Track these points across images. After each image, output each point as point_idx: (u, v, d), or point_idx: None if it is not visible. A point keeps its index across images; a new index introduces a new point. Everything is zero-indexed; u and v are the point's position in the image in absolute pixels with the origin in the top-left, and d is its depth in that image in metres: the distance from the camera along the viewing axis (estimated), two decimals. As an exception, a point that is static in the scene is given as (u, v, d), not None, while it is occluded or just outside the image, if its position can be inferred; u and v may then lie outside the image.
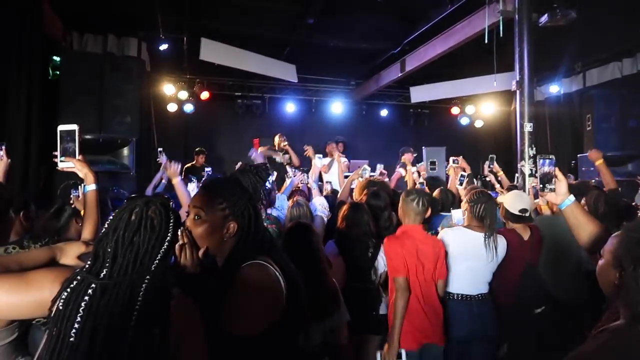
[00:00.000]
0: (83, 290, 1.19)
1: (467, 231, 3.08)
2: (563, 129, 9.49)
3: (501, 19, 5.26)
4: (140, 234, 1.26)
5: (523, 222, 3.29)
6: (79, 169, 2.07)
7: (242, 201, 1.54)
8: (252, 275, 1.43)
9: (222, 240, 1.52)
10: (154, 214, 1.29)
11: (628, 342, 1.15)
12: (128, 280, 1.21)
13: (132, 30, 7.34)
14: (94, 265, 1.25)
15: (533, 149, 4.98)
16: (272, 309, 1.43)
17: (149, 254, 1.26)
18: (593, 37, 7.47)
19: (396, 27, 7.61)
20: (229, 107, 10.37)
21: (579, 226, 1.88)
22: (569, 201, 1.88)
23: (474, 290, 3.03)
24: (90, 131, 5.77)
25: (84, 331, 1.14)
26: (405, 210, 2.97)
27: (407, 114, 11.64)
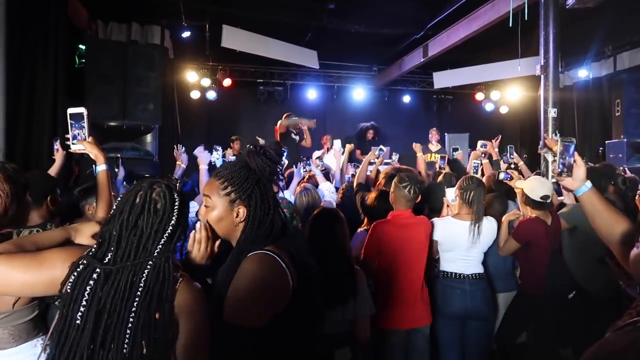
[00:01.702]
0: (88, 275, 1.21)
1: (455, 221, 3.10)
2: (591, 114, 9.23)
3: (526, 1, 5.11)
4: (143, 218, 1.27)
5: (545, 209, 3.25)
6: (89, 150, 2.14)
7: (248, 184, 1.49)
8: (254, 267, 1.40)
9: (233, 226, 1.50)
10: (158, 196, 1.29)
11: None
12: (130, 266, 1.22)
13: (155, 18, 7.42)
14: (100, 249, 1.27)
15: (557, 135, 4.86)
16: (274, 301, 1.40)
17: (152, 239, 1.26)
18: (624, 18, 7.21)
19: (419, 12, 7.48)
20: (251, 94, 10.42)
21: (597, 215, 1.76)
22: (585, 187, 1.76)
23: (466, 270, 3.08)
24: (115, 118, 5.90)
25: (89, 315, 1.17)
26: (397, 196, 3.00)
27: (430, 100, 11.49)
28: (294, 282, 1.44)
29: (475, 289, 3.06)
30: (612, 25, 7.44)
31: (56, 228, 1.92)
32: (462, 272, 3.06)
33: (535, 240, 3.17)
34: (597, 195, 1.79)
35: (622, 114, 7.05)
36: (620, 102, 7.10)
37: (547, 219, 3.24)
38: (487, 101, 11.15)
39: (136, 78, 6.03)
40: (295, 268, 1.47)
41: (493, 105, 11.18)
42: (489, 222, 3.15)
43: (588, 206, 1.79)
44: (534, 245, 3.18)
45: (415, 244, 2.96)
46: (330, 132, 10.86)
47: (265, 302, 1.39)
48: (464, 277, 3.05)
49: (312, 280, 1.53)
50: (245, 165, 1.54)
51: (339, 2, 6.77)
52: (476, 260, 3.11)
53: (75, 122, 2.11)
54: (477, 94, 11.12)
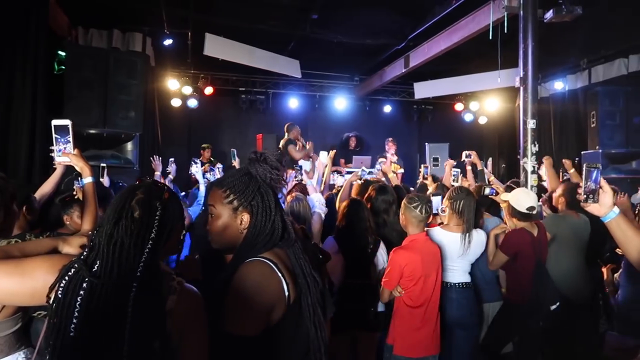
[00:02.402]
0: (79, 281, 1.17)
1: (445, 232, 3.12)
2: (567, 125, 9.46)
3: (506, 15, 5.22)
4: (121, 226, 1.21)
5: (531, 220, 3.30)
6: (75, 163, 2.10)
7: (249, 190, 1.49)
8: (247, 275, 1.39)
9: (238, 233, 1.50)
10: (136, 204, 1.24)
11: None
12: (114, 283, 1.17)
13: (137, 25, 7.36)
14: (90, 255, 1.22)
15: (536, 145, 4.96)
16: (268, 310, 1.39)
17: (133, 252, 1.20)
18: (599, 33, 7.43)
19: (400, 23, 7.59)
20: (232, 102, 10.39)
21: (627, 240, 1.71)
22: (613, 214, 1.72)
23: (452, 279, 3.11)
24: (95, 125, 5.80)
25: (82, 326, 1.13)
26: (408, 218, 2.94)
27: (410, 110, 11.62)
28: (290, 291, 1.42)
29: (461, 298, 3.10)
30: (588, 39, 7.67)
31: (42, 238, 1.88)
32: (448, 281, 3.09)
33: (523, 251, 3.22)
34: (625, 221, 1.74)
35: (597, 125, 7.24)
36: (596, 113, 7.29)
37: (533, 230, 3.30)
38: (467, 112, 11.33)
39: (117, 85, 5.95)
40: (293, 278, 1.46)
41: (472, 115, 11.36)
42: (478, 234, 3.19)
43: (617, 232, 1.74)
44: (522, 256, 3.22)
45: (436, 272, 2.91)
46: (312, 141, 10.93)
47: (258, 311, 1.37)
48: (451, 286, 3.09)
49: (309, 289, 1.51)
50: (247, 172, 1.54)
51: (322, 13, 6.82)
52: (463, 269, 3.15)
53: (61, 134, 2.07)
54: (456, 105, 11.29)
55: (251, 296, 1.35)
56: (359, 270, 3.03)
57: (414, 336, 2.84)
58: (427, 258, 2.87)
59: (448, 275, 3.10)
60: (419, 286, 2.83)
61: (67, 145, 2.09)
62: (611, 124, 7.22)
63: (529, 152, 4.94)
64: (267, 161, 1.53)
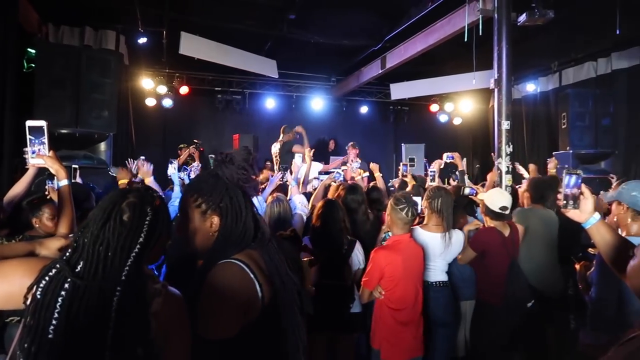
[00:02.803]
0: (60, 282, 1.14)
1: (424, 232, 3.15)
2: (539, 126, 9.69)
3: (480, 17, 5.31)
4: (109, 227, 1.19)
5: (503, 220, 3.36)
6: (50, 165, 2.05)
7: (217, 192, 1.48)
8: (219, 278, 1.37)
9: (209, 236, 1.48)
10: (127, 207, 1.22)
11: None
12: (98, 284, 1.14)
13: (110, 23, 7.22)
14: (73, 255, 1.19)
15: (510, 146, 5.06)
16: (242, 311, 1.37)
17: (119, 255, 1.18)
18: (569, 37, 7.64)
19: (377, 24, 7.64)
20: (208, 102, 10.30)
21: (607, 245, 1.74)
22: (593, 219, 1.74)
23: (429, 278, 3.14)
24: (66, 125, 5.64)
25: (62, 329, 1.10)
26: (394, 219, 2.94)
27: (387, 111, 11.72)
28: (264, 291, 1.41)
29: (437, 296, 3.13)
30: (558, 42, 7.87)
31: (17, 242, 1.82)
32: (426, 280, 3.11)
33: (491, 250, 3.28)
34: (605, 227, 1.75)
35: (568, 126, 7.41)
36: (566, 115, 7.46)
37: (505, 229, 3.36)
38: (442, 112, 11.49)
39: (90, 84, 5.80)
40: (268, 278, 1.44)
41: (447, 116, 11.54)
42: (457, 233, 3.22)
43: (597, 237, 1.75)
44: (490, 254, 3.28)
45: (418, 274, 2.92)
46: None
47: (231, 313, 1.36)
48: (428, 285, 3.11)
49: (284, 289, 1.50)
50: (213, 175, 1.53)
51: (299, 13, 6.81)
52: (440, 269, 3.18)
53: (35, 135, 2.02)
54: (432, 106, 11.43)
55: (223, 299, 1.34)
56: (333, 271, 3.03)
57: (400, 339, 2.83)
58: (409, 259, 2.87)
59: (426, 274, 3.13)
60: (400, 287, 2.82)
61: (42, 146, 2.03)
62: (581, 125, 7.41)
63: (504, 152, 5.03)
64: (233, 162, 1.53)
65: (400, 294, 2.83)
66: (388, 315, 2.84)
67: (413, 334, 2.87)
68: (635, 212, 2.48)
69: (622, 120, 7.87)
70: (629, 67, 7.93)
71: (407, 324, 2.84)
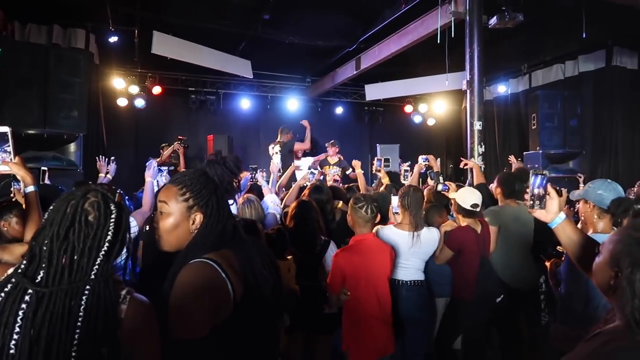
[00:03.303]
0: (19, 296, 1.09)
1: (396, 231, 3.17)
2: (510, 127, 9.92)
3: (453, 20, 5.40)
4: (74, 230, 1.15)
5: (474, 217, 3.43)
6: (16, 171, 1.99)
7: (206, 191, 1.48)
8: (188, 278, 1.36)
9: (188, 233, 1.48)
10: (91, 207, 1.18)
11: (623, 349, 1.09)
12: (65, 289, 1.11)
13: (79, 21, 7.06)
14: (30, 266, 1.14)
15: (482, 146, 5.16)
16: (213, 310, 1.36)
17: (87, 256, 1.15)
18: (538, 40, 7.83)
19: (351, 26, 7.68)
20: (182, 102, 10.15)
21: (572, 244, 1.77)
22: (559, 219, 1.77)
23: (404, 277, 3.15)
24: (34, 126, 5.49)
25: (24, 344, 1.05)
26: (355, 219, 2.93)
27: (361, 112, 11.77)
28: (237, 291, 1.40)
29: (411, 295, 3.14)
30: (528, 45, 8.06)
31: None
32: (400, 279, 3.14)
33: (466, 248, 3.33)
34: (570, 226, 1.78)
35: (538, 127, 7.59)
36: (536, 116, 7.64)
37: (477, 226, 3.43)
38: (416, 113, 11.61)
39: (59, 83, 5.65)
40: (241, 277, 1.44)
41: (421, 117, 11.66)
42: (430, 231, 3.25)
43: (563, 237, 1.78)
44: (465, 252, 3.34)
45: (382, 272, 2.90)
46: (264, 142, 10.84)
47: (202, 313, 1.34)
48: (402, 284, 3.13)
49: (259, 289, 1.50)
50: (203, 173, 1.53)
51: (273, 13, 6.79)
52: (415, 267, 3.19)
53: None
54: (406, 107, 11.53)
55: (193, 299, 1.33)
56: (308, 271, 3.02)
57: (367, 339, 2.82)
58: (372, 257, 2.86)
59: (399, 272, 3.14)
60: (363, 286, 2.82)
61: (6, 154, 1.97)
62: (550, 126, 7.60)
63: (476, 152, 5.12)
64: (226, 164, 1.55)
65: (364, 292, 2.82)
66: (354, 315, 2.84)
67: (381, 332, 2.86)
68: (601, 210, 2.55)
69: (589, 121, 8.12)
70: (595, 70, 8.19)
71: (374, 323, 2.84)
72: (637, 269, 1.09)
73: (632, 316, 1.08)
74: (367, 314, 2.82)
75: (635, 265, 1.09)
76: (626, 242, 1.16)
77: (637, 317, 1.07)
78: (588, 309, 2.56)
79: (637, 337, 1.07)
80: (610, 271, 1.19)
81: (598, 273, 1.28)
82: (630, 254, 1.12)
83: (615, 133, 8.05)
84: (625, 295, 1.10)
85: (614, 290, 1.17)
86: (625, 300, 1.09)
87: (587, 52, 8.20)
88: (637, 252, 1.11)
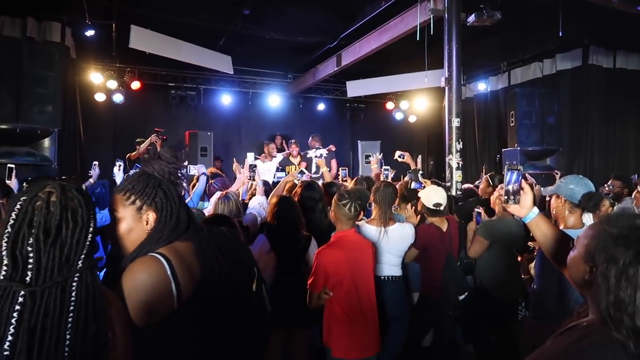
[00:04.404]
0: (10, 300, 1.07)
1: (365, 226, 3.19)
2: (490, 124, 10.02)
3: (432, 17, 5.43)
4: (64, 228, 1.15)
5: (439, 216, 3.45)
6: None
7: (149, 188, 1.50)
8: (128, 274, 1.38)
9: (144, 234, 1.48)
10: (73, 203, 1.18)
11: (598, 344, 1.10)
12: (57, 282, 1.11)
13: (54, 14, 6.91)
14: (14, 270, 1.10)
15: (460, 143, 5.20)
16: (142, 310, 1.36)
17: (74, 250, 1.16)
18: (517, 38, 7.92)
19: (332, 22, 7.67)
20: (161, 98, 10.01)
21: (546, 239, 1.79)
22: (533, 214, 1.78)
23: (379, 272, 3.15)
24: (6, 120, 5.37)
25: (19, 342, 1.05)
26: (338, 215, 2.92)
27: (343, 108, 11.78)
28: (183, 286, 1.40)
29: (387, 290, 3.14)
30: (507, 43, 8.15)
31: None
32: (377, 275, 3.13)
33: (430, 245, 3.37)
34: (544, 221, 1.80)
35: (516, 124, 7.69)
36: (514, 113, 7.74)
37: (443, 224, 3.46)
38: (397, 110, 11.65)
39: (32, 78, 5.53)
40: (194, 269, 1.45)
41: (402, 114, 11.71)
42: (403, 227, 3.26)
43: (537, 231, 1.80)
44: (430, 250, 3.37)
45: (366, 268, 2.89)
46: (245, 139, 10.80)
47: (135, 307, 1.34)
48: (378, 280, 3.13)
49: (214, 280, 1.50)
50: (143, 173, 1.56)
51: (254, 8, 6.74)
52: (389, 262, 3.19)
53: None
54: (387, 104, 11.58)
55: (131, 292, 1.34)
56: (290, 267, 3.01)
57: (350, 337, 2.80)
58: (355, 254, 2.85)
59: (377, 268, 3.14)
60: (346, 284, 2.80)
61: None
62: (528, 123, 7.70)
63: (454, 149, 5.16)
64: (161, 158, 1.59)
65: (347, 290, 2.80)
66: (339, 313, 2.82)
67: (366, 330, 2.84)
68: (573, 204, 2.59)
69: (566, 118, 8.26)
70: (572, 68, 8.33)
71: (358, 321, 2.82)
72: (612, 264, 1.10)
73: (607, 312, 1.09)
74: (351, 311, 2.81)
75: (610, 261, 1.10)
76: (601, 237, 1.16)
77: (612, 312, 1.08)
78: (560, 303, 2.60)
79: (612, 332, 1.07)
80: (585, 266, 1.20)
81: (572, 267, 1.29)
82: (605, 250, 1.13)
83: (591, 130, 8.21)
84: (600, 291, 1.10)
85: (589, 285, 1.18)
86: (601, 296, 1.10)
87: (564, 50, 8.33)
88: (612, 248, 1.11)
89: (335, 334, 2.82)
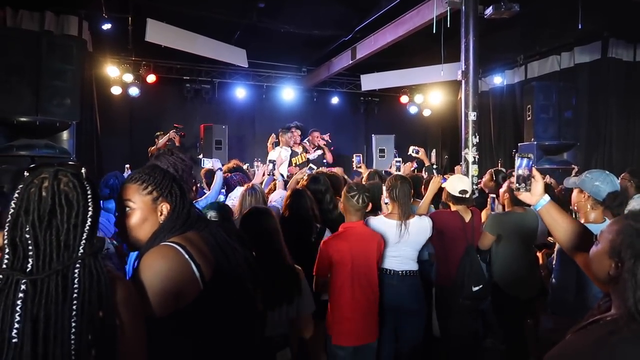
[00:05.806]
0: (12, 289, 1.09)
1: (383, 220, 3.20)
2: (505, 118, 9.91)
3: (449, 9, 5.37)
4: (57, 213, 1.15)
5: (464, 204, 3.46)
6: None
7: (167, 181, 1.53)
8: (151, 261, 1.39)
9: (158, 225, 1.50)
10: (67, 187, 1.17)
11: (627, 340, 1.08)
12: (57, 269, 1.12)
13: (72, 8, 6.97)
14: (15, 258, 1.12)
15: (477, 137, 5.15)
16: (172, 293, 1.37)
17: (72, 234, 1.15)
18: (534, 31, 7.81)
19: (347, 15, 7.62)
20: (176, 91, 10.08)
21: (556, 225, 1.79)
22: (543, 201, 1.78)
23: (396, 267, 3.17)
24: (26, 113, 5.43)
25: (25, 330, 1.06)
26: (346, 207, 2.99)
27: (357, 102, 11.74)
28: (204, 270, 1.42)
29: (402, 285, 3.16)
30: (524, 36, 8.03)
31: None
32: (392, 269, 3.16)
33: (448, 231, 3.38)
34: (555, 208, 1.79)
35: (533, 118, 7.59)
36: (531, 107, 7.63)
37: (466, 214, 3.47)
38: (412, 104, 11.58)
39: (51, 71, 5.59)
40: (210, 258, 1.46)
41: (417, 108, 11.64)
42: (421, 220, 3.26)
43: (548, 219, 1.80)
44: (448, 236, 3.39)
45: (369, 259, 2.93)
46: (259, 132, 10.81)
47: (162, 295, 1.35)
48: (394, 274, 3.15)
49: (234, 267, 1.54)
50: (157, 166, 1.60)
51: (269, 1, 6.73)
52: (407, 257, 3.20)
53: None
54: (402, 97, 11.51)
55: (154, 281, 1.35)
56: (303, 259, 3.03)
57: (348, 324, 2.85)
58: (360, 245, 2.91)
59: (391, 262, 3.16)
60: (349, 272, 2.85)
61: None
62: (545, 117, 7.59)
63: (470, 143, 5.12)
64: (173, 153, 1.63)
65: (349, 278, 2.85)
66: (339, 301, 2.87)
67: (366, 319, 2.90)
68: (596, 201, 2.56)
69: (584, 112, 8.12)
70: (591, 62, 8.18)
71: (358, 309, 2.86)
72: (639, 260, 1.10)
73: (635, 308, 1.08)
74: (351, 300, 2.86)
75: (638, 257, 1.10)
76: (627, 232, 1.16)
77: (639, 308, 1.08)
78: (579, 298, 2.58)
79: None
80: (610, 261, 1.19)
81: (596, 262, 1.28)
82: (632, 246, 1.12)
83: (610, 125, 8.07)
84: (627, 286, 1.10)
85: (615, 281, 1.17)
86: (628, 292, 1.10)
87: (582, 43, 8.19)
88: (639, 244, 1.11)
89: (335, 322, 2.87)
